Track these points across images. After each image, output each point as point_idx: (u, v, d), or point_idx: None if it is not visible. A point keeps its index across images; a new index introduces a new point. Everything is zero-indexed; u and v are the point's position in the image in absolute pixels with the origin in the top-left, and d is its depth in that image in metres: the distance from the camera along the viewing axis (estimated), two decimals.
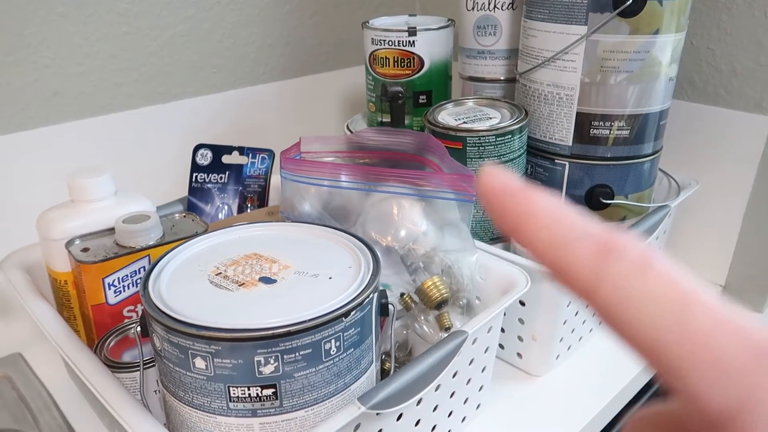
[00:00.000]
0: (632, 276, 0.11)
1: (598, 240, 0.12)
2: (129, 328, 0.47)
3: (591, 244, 0.12)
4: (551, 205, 0.13)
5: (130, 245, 0.47)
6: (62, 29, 0.65)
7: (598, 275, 0.11)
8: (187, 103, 0.77)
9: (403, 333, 0.49)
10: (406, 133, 0.56)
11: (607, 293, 0.11)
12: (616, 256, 0.11)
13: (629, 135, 0.57)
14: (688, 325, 0.11)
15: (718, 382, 0.10)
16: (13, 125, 0.64)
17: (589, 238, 0.12)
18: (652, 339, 0.11)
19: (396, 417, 0.40)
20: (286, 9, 0.83)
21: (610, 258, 0.11)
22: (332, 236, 0.44)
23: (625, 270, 0.11)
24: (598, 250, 0.12)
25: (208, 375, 0.34)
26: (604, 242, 0.12)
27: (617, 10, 0.52)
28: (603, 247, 0.12)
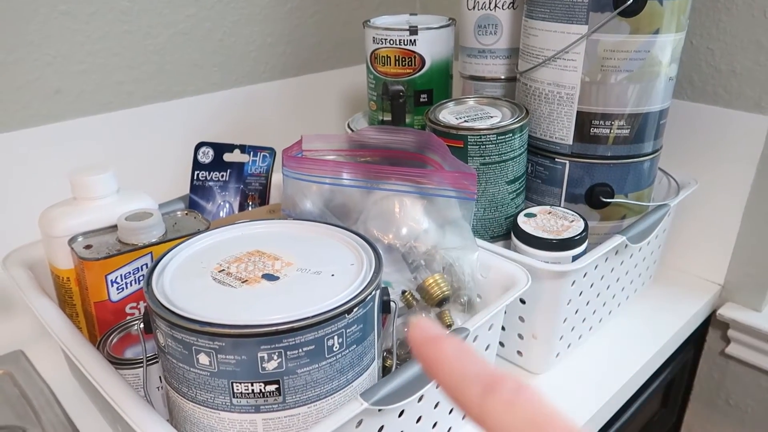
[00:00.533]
0: (504, 409, 0.14)
1: (483, 381, 0.15)
2: (131, 325, 0.47)
3: (477, 385, 0.15)
4: (455, 351, 0.16)
5: (133, 242, 0.48)
6: (64, 27, 0.65)
7: (481, 411, 0.14)
8: (189, 101, 0.77)
9: (404, 330, 0.49)
10: (408, 131, 0.56)
11: (491, 423, 0.14)
12: (493, 391, 0.14)
13: (629, 134, 0.58)
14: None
15: None
16: (15, 123, 0.65)
17: (476, 381, 0.15)
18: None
19: (397, 413, 0.40)
20: (287, 8, 0.83)
21: (490, 393, 0.14)
22: (334, 234, 0.44)
23: (499, 405, 0.14)
24: (482, 390, 0.15)
25: (211, 371, 0.34)
26: (488, 380, 0.15)
27: (618, 10, 0.52)
28: (486, 386, 0.15)
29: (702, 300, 0.70)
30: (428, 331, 0.16)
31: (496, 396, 0.14)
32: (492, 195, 0.57)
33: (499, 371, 0.15)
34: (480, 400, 0.15)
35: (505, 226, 0.59)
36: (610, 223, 0.62)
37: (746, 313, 0.70)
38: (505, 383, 0.14)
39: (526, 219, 0.57)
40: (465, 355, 0.15)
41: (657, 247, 0.68)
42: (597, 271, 0.56)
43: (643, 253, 0.64)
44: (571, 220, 0.57)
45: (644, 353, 0.61)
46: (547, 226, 0.56)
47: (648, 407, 0.73)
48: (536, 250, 0.54)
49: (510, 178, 0.58)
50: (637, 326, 0.65)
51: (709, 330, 0.76)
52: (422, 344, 0.16)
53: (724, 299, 0.73)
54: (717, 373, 0.78)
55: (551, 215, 0.58)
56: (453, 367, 0.15)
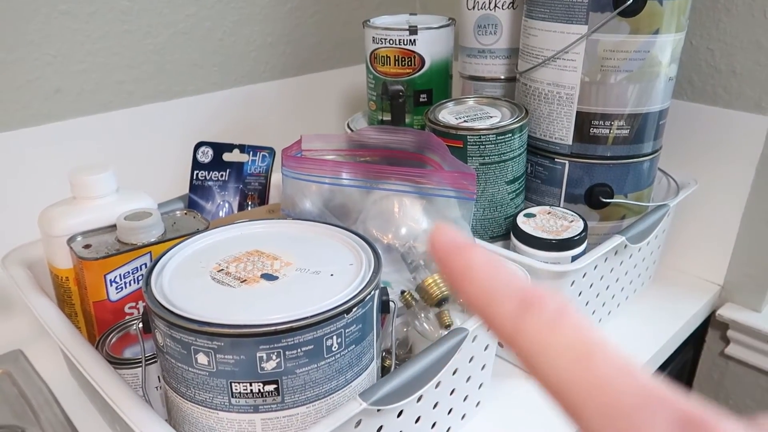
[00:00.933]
0: (545, 329, 0.13)
1: (520, 296, 0.13)
2: (130, 325, 0.47)
3: (513, 300, 0.13)
4: (486, 261, 0.14)
5: (132, 242, 0.48)
6: (64, 27, 0.65)
7: (515, 328, 0.13)
8: (188, 101, 0.77)
9: (403, 330, 0.49)
10: (407, 131, 0.56)
11: (523, 344, 0.13)
12: (533, 309, 0.13)
13: (629, 134, 0.58)
14: (589, 371, 0.12)
15: (610, 421, 0.11)
16: (15, 122, 0.65)
17: (512, 295, 0.13)
18: (559, 384, 0.12)
19: (396, 414, 0.40)
20: (287, 7, 0.83)
21: (528, 313, 0.13)
22: (333, 234, 0.44)
23: (539, 324, 0.13)
24: (519, 305, 0.13)
25: (210, 371, 0.34)
26: (525, 299, 0.13)
27: (617, 10, 0.52)
28: (523, 303, 0.13)
29: (701, 300, 0.70)
30: (454, 238, 0.14)
31: (536, 315, 0.13)
32: (491, 195, 0.57)
33: (539, 288, 0.13)
34: (514, 317, 0.13)
35: (505, 226, 0.59)
36: (609, 224, 0.62)
37: (746, 313, 0.70)
38: (546, 302, 0.13)
39: (526, 219, 0.57)
40: (498, 267, 0.14)
41: (656, 248, 0.68)
42: (596, 272, 0.56)
43: (642, 253, 0.64)
44: (570, 220, 0.56)
45: (644, 353, 0.61)
46: (547, 226, 0.56)
47: None
48: (535, 251, 0.54)
49: (509, 178, 0.58)
50: (637, 326, 0.65)
51: (708, 330, 0.76)
52: (448, 251, 0.14)
53: (723, 300, 0.73)
54: (716, 374, 0.78)
55: (551, 215, 0.58)
56: (484, 279, 0.14)
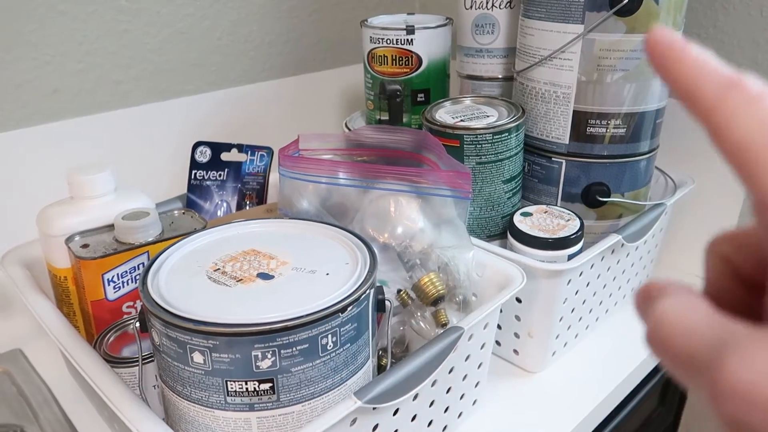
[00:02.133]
0: (744, 104, 0.14)
1: (726, 77, 0.15)
2: (128, 324, 0.47)
3: (719, 77, 0.15)
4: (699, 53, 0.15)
5: (130, 242, 0.48)
6: (62, 27, 0.65)
7: (717, 99, 0.14)
8: (187, 100, 0.77)
9: (399, 329, 0.49)
10: (404, 130, 0.56)
11: (721, 115, 0.14)
12: (736, 87, 0.14)
13: (625, 133, 0.58)
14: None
15: None
16: (13, 122, 0.65)
17: (719, 74, 0.15)
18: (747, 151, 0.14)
19: (392, 412, 0.41)
20: (286, 7, 0.83)
21: (731, 88, 0.14)
22: (330, 233, 0.44)
23: (739, 99, 0.14)
24: (724, 81, 0.15)
25: (206, 369, 0.34)
26: (731, 77, 0.15)
27: (614, 9, 0.52)
28: (728, 80, 0.15)
29: None
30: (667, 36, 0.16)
31: (738, 91, 0.14)
32: (488, 194, 0.58)
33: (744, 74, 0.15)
34: (717, 92, 0.14)
35: (502, 225, 0.60)
36: (606, 222, 0.62)
37: None
38: (751, 83, 0.14)
39: (522, 218, 0.57)
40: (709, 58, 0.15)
41: (654, 246, 0.68)
42: (593, 270, 0.57)
43: (639, 252, 0.64)
44: (567, 219, 0.57)
45: (641, 351, 0.61)
46: (543, 225, 0.56)
47: (645, 405, 0.73)
48: (532, 249, 0.54)
49: (506, 177, 0.58)
50: (634, 324, 0.65)
51: None
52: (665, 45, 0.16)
53: None
54: None
55: (547, 214, 0.58)
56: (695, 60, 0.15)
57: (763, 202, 0.14)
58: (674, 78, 0.16)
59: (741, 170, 0.14)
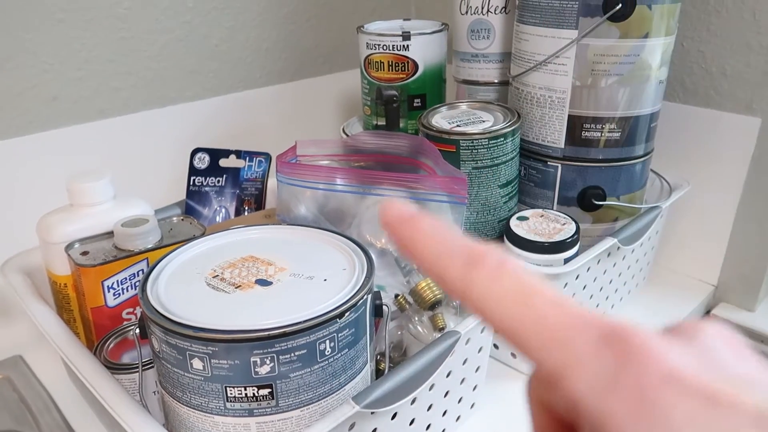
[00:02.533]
0: (489, 280, 0.14)
1: (466, 255, 0.15)
2: (128, 330, 0.48)
3: (460, 259, 0.15)
4: (433, 227, 0.15)
5: (129, 248, 0.48)
6: (61, 34, 0.66)
7: (465, 282, 0.14)
8: (185, 107, 0.78)
9: (397, 334, 0.49)
10: (401, 136, 0.57)
11: (475, 295, 0.14)
12: (478, 265, 0.14)
13: (620, 137, 0.58)
14: (529, 309, 0.14)
15: (549, 348, 0.13)
16: (12, 130, 0.65)
17: (459, 255, 0.15)
18: (507, 325, 0.14)
19: (390, 416, 0.41)
20: (283, 13, 0.84)
21: (474, 269, 0.14)
22: (327, 239, 0.44)
23: (484, 276, 0.14)
24: (466, 261, 0.15)
25: (205, 375, 0.35)
26: (470, 255, 0.15)
27: (607, 15, 0.53)
28: (469, 259, 0.15)
29: (696, 301, 0.70)
30: (401, 211, 0.16)
31: (481, 268, 0.14)
32: (485, 198, 0.58)
33: (480, 245, 0.15)
34: (463, 273, 0.14)
35: (498, 230, 0.60)
36: (602, 226, 0.62)
37: (740, 313, 0.71)
38: (488, 256, 0.14)
39: (519, 222, 0.57)
40: (443, 230, 0.15)
41: (650, 249, 0.69)
42: (589, 273, 0.57)
43: (636, 254, 0.65)
44: (563, 222, 0.57)
45: None
46: (539, 229, 0.56)
47: None
48: (529, 253, 0.55)
49: (502, 181, 0.58)
50: None
51: None
52: (396, 224, 0.16)
53: (717, 300, 0.73)
54: None
55: (543, 218, 0.58)
56: (432, 243, 0.15)
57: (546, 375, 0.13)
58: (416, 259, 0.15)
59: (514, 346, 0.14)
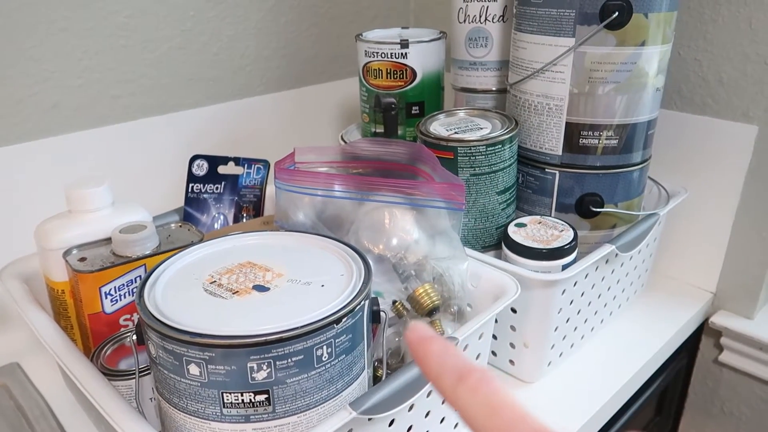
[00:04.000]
0: (469, 394, 0.17)
1: (457, 372, 0.18)
2: (125, 337, 0.47)
3: (452, 375, 0.18)
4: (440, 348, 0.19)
5: (127, 255, 0.48)
6: (62, 43, 0.66)
7: (453, 395, 0.18)
8: (184, 114, 0.78)
9: (395, 340, 0.49)
10: (399, 143, 0.57)
11: (459, 406, 0.17)
12: (462, 381, 0.17)
13: (618, 144, 0.58)
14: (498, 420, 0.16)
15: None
16: (13, 137, 0.65)
17: (452, 371, 0.18)
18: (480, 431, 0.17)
19: (388, 422, 0.41)
20: (282, 21, 0.84)
21: (459, 383, 0.17)
22: (325, 245, 0.44)
23: (465, 391, 0.17)
24: (455, 379, 0.18)
25: (202, 381, 0.35)
26: (459, 373, 0.18)
27: (604, 23, 0.53)
28: (457, 376, 0.18)
29: (694, 308, 0.70)
30: (421, 333, 0.19)
31: (464, 384, 0.17)
32: (482, 205, 0.58)
33: (471, 364, 0.18)
34: (453, 387, 0.18)
35: (496, 236, 0.60)
36: (600, 233, 0.62)
37: (738, 320, 0.71)
38: (472, 374, 0.17)
39: (517, 229, 0.57)
40: (447, 352, 0.19)
41: (648, 256, 0.69)
42: (587, 280, 0.57)
43: (634, 261, 0.65)
44: (560, 229, 0.57)
45: (637, 361, 0.62)
46: (537, 235, 0.56)
47: (642, 415, 0.73)
48: (526, 260, 0.55)
49: (500, 188, 0.58)
50: (630, 334, 0.65)
51: (702, 338, 0.77)
52: (415, 344, 0.19)
53: (716, 307, 0.73)
54: (711, 381, 0.78)
55: (541, 225, 0.58)
56: (436, 361, 0.18)
57: None
58: (423, 372, 0.19)
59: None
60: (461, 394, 0.17)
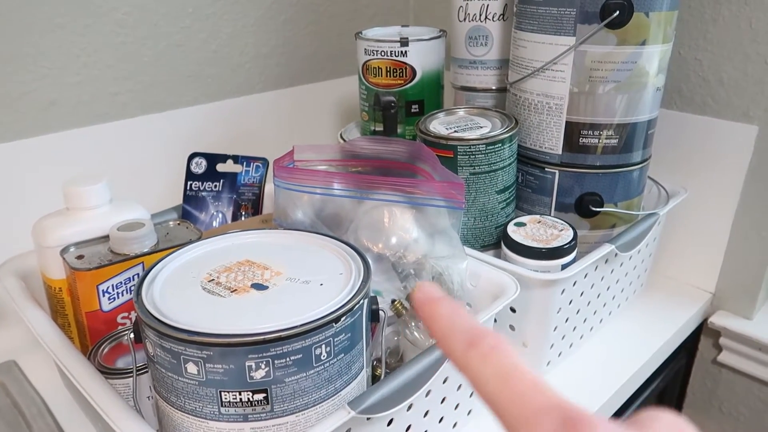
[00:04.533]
0: (480, 361, 0.16)
1: (468, 336, 0.17)
2: (123, 335, 0.47)
3: (463, 339, 0.17)
4: (450, 309, 0.18)
5: (125, 252, 0.48)
6: (60, 39, 0.66)
7: (464, 359, 0.17)
8: (183, 112, 0.78)
9: (394, 339, 0.49)
10: (399, 141, 0.57)
11: (469, 372, 0.17)
12: (473, 347, 0.17)
13: (618, 144, 0.58)
14: (508, 389, 0.16)
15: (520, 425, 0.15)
16: (10, 134, 0.65)
17: (462, 336, 0.17)
18: (491, 400, 0.16)
19: (386, 422, 0.41)
20: (281, 19, 0.84)
21: (470, 349, 0.17)
22: (324, 243, 0.44)
23: (477, 357, 0.16)
24: (467, 341, 0.17)
25: (199, 380, 0.34)
26: (470, 338, 0.17)
27: (604, 22, 0.53)
28: (468, 341, 0.17)
29: (693, 308, 0.70)
30: (429, 293, 0.19)
31: (476, 349, 0.17)
32: (482, 204, 0.58)
33: (483, 328, 0.17)
34: (463, 352, 0.17)
35: (496, 235, 0.60)
36: (600, 232, 0.62)
37: (737, 321, 0.71)
38: (484, 339, 0.17)
39: (516, 228, 0.57)
40: (457, 313, 0.18)
41: (648, 256, 0.69)
42: (587, 280, 0.57)
43: (633, 261, 0.65)
44: (560, 229, 0.57)
45: (636, 361, 0.61)
46: (537, 235, 0.56)
47: None
48: (526, 259, 0.55)
49: (500, 187, 0.58)
50: (629, 334, 0.65)
51: (701, 338, 0.77)
52: (423, 303, 0.18)
53: (715, 307, 0.73)
54: (710, 381, 0.78)
55: (541, 224, 0.58)
56: (445, 323, 0.18)
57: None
58: (431, 333, 0.18)
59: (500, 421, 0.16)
60: (472, 361, 0.16)
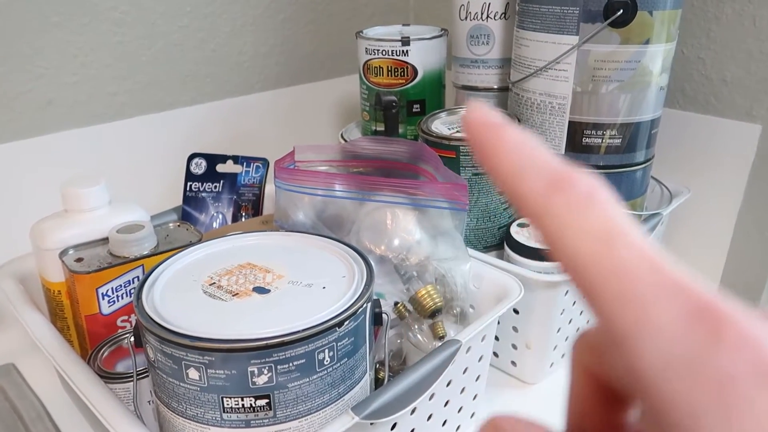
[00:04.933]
0: (571, 211, 0.12)
1: (552, 173, 0.13)
2: (122, 339, 0.47)
3: (544, 175, 0.13)
4: (519, 137, 0.13)
5: (124, 255, 0.47)
6: (57, 39, 0.65)
7: (543, 205, 0.12)
8: (182, 112, 0.77)
9: (397, 342, 0.49)
10: (400, 142, 0.56)
11: (550, 222, 0.12)
12: (562, 189, 0.12)
13: (621, 143, 0.58)
14: (610, 256, 0.12)
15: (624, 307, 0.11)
16: (7, 134, 0.64)
17: (543, 170, 0.13)
18: (579, 266, 0.12)
19: (390, 426, 0.40)
20: (281, 18, 0.83)
21: (558, 191, 0.12)
22: (326, 245, 0.44)
23: (567, 203, 0.12)
24: (550, 182, 0.13)
25: (201, 386, 0.34)
26: (556, 175, 0.13)
27: (608, 21, 0.53)
28: (554, 179, 0.13)
29: None
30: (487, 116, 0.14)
31: (564, 195, 0.12)
32: (485, 205, 0.57)
33: (572, 168, 0.13)
34: (544, 194, 0.13)
35: (498, 236, 0.59)
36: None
37: None
38: (578, 181, 0.12)
39: (519, 229, 0.57)
40: (530, 144, 0.13)
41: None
42: None
43: None
44: None
45: None
46: None
47: None
48: (529, 260, 0.54)
49: None
50: None
51: None
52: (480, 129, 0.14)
53: None
54: None
55: None
56: (515, 156, 0.13)
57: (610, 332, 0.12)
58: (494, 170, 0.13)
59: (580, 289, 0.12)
60: (559, 208, 0.12)
